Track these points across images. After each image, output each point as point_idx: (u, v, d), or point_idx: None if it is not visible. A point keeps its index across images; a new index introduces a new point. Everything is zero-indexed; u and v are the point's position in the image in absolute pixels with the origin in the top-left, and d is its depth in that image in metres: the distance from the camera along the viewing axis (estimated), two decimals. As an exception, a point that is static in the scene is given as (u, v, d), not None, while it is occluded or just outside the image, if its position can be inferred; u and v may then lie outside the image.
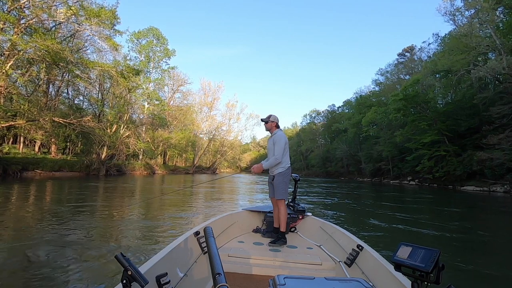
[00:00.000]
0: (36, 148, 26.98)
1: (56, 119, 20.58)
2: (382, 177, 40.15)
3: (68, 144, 29.80)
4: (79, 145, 30.53)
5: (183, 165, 52.90)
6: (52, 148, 27.16)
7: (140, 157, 36.76)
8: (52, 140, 25.08)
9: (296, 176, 3.88)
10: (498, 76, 21.91)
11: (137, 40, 37.67)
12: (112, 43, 22.75)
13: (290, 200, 3.93)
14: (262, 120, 3.44)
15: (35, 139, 25.24)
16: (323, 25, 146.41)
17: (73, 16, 19.22)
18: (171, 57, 40.44)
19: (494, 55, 24.37)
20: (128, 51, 37.25)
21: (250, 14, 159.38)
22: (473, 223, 7.92)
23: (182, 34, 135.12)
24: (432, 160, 27.61)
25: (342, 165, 55.75)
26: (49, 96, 26.21)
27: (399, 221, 7.55)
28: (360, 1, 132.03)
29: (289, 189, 3.36)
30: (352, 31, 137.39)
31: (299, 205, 3.82)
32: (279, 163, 3.24)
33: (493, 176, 21.12)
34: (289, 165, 3.32)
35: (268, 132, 3.47)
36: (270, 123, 3.39)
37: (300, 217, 3.67)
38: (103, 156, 26.65)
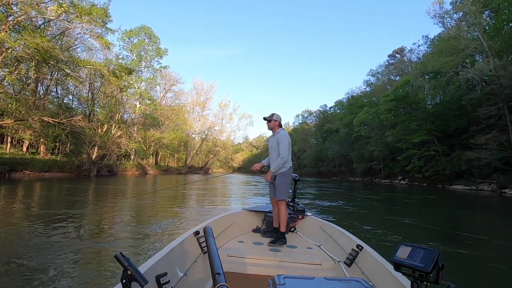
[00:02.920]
0: (24, 148, 26.34)
1: (45, 118, 20.12)
2: (374, 177, 40.66)
3: (57, 144, 29.18)
4: (69, 145, 29.95)
5: (175, 165, 52.46)
6: (41, 148, 26.57)
7: (132, 157, 36.32)
8: (41, 140, 24.53)
9: (296, 176, 3.85)
10: (485, 78, 22.46)
11: (129, 39, 37.10)
12: (104, 41, 22.37)
13: (289, 200, 3.91)
14: (264, 118, 3.37)
15: (23, 139, 24.64)
16: (316, 26, 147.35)
17: (64, 13, 18.85)
18: (163, 56, 40.01)
19: (481, 57, 25.00)
20: (120, 49, 36.77)
21: (245, 14, 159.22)
22: (466, 222, 8.08)
23: (177, 33, 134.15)
24: (422, 160, 28.14)
25: (334, 165, 56.19)
26: (38, 95, 25.63)
27: (395, 221, 7.68)
28: (353, 2, 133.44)
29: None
30: (344, 32, 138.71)
31: (298, 205, 3.81)
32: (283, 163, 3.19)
33: (480, 176, 21.63)
34: (291, 165, 3.29)
35: (270, 130, 3.42)
36: (273, 121, 3.34)
37: (300, 217, 3.66)
38: (93, 156, 26.23)
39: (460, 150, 24.22)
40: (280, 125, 3.37)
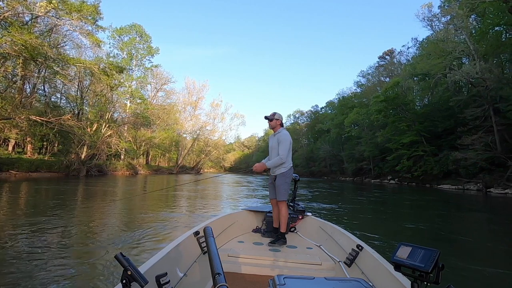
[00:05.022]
0: (10, 148, 25.61)
1: (33, 117, 19.63)
2: (364, 176, 41.23)
3: (45, 143, 28.47)
4: (57, 145, 29.27)
5: (166, 165, 51.92)
6: (28, 148, 25.90)
7: (122, 157, 35.75)
8: (28, 139, 23.90)
9: (295, 176, 3.81)
10: (472, 80, 23.05)
11: (119, 37, 36.46)
12: (95, 39, 21.95)
13: (289, 200, 3.88)
14: (266, 117, 3.34)
15: (9, 138, 23.97)
16: (308, 27, 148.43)
17: (53, 10, 18.42)
18: (154, 55, 39.44)
19: (468, 60, 25.66)
20: (110, 48, 36.13)
21: (238, 15, 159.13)
22: (457, 221, 8.22)
23: (169, 33, 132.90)
24: (411, 160, 28.73)
25: (325, 165, 56.68)
26: (24, 93, 24.96)
27: (389, 221, 7.80)
28: (344, 5, 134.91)
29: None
30: (336, 33, 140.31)
31: (298, 205, 3.81)
32: (282, 163, 3.18)
33: (467, 175, 22.21)
34: (291, 165, 3.27)
35: (272, 130, 3.38)
36: (275, 121, 3.30)
37: (300, 217, 3.66)
38: (83, 156, 25.69)
39: (447, 151, 24.83)
40: (281, 125, 3.33)
